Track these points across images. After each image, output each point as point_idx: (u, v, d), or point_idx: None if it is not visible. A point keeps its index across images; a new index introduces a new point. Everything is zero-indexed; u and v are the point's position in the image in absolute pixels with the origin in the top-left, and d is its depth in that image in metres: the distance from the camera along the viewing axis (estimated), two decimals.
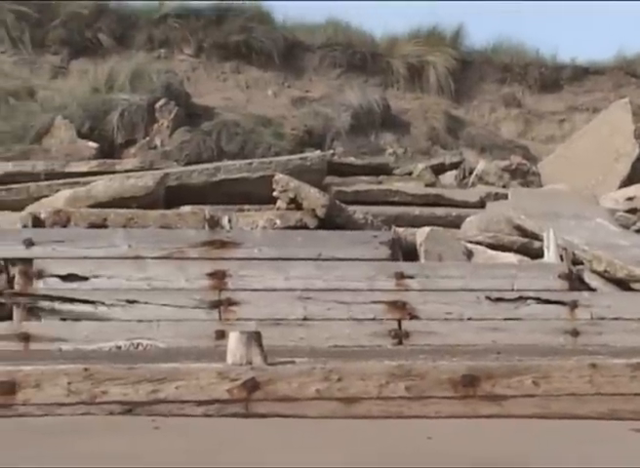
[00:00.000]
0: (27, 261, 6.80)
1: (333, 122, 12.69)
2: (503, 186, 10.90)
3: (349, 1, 17.70)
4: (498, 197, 9.90)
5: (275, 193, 8.15)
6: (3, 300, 6.98)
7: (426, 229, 8.13)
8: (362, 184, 10.46)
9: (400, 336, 6.68)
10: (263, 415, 4.42)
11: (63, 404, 4.36)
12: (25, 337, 6.39)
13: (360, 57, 13.90)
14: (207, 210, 8.10)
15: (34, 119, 11.74)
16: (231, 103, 12.97)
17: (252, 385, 4.42)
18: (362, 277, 6.91)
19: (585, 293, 7.16)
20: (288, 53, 13.77)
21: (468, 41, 14.62)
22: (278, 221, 7.81)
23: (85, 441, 4.04)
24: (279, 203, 8.14)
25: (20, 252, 6.84)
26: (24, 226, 7.52)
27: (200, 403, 4.41)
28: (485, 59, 14.52)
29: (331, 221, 7.86)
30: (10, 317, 6.72)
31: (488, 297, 6.92)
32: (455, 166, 11.76)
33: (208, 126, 12.06)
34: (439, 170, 11.66)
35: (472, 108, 14.12)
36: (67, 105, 11.93)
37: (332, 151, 11.65)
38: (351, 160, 11.64)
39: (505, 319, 6.86)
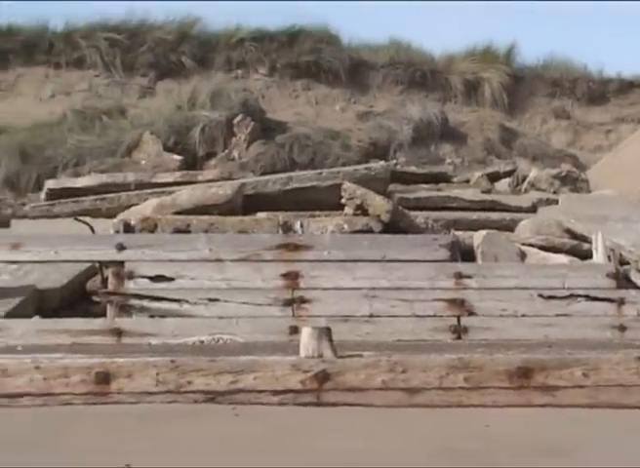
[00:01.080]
0: (119, 264, 6.86)
1: (395, 134, 12.67)
2: (554, 192, 10.78)
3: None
4: (549, 202, 9.79)
5: (343, 200, 8.15)
6: (98, 299, 7.07)
7: (483, 232, 8.08)
8: (423, 191, 10.41)
9: (459, 332, 6.63)
10: (333, 404, 4.42)
11: (152, 392, 4.40)
12: (118, 332, 6.44)
13: (420, 74, 13.86)
14: (281, 216, 8.12)
15: (125, 135, 11.88)
16: (302, 118, 13.00)
17: (323, 376, 4.42)
18: (423, 277, 6.87)
19: (632, 291, 7.04)
20: (354, 71, 13.77)
21: (520, 58, 14.52)
22: (346, 226, 7.81)
23: (172, 426, 4.08)
24: (347, 209, 8.13)
25: (113, 255, 6.90)
26: (117, 232, 7.59)
27: (276, 392, 4.42)
28: (536, 75, 14.39)
29: (394, 226, 7.83)
30: (104, 314, 6.79)
31: (540, 295, 6.83)
32: (509, 174, 11.66)
33: (281, 139, 12.11)
34: (494, 177, 11.57)
35: (525, 120, 14.00)
36: (154, 122, 12.06)
37: (395, 161, 11.62)
38: (413, 169, 11.60)
39: (557, 315, 6.77)
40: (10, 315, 6.78)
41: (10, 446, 3.72)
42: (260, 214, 8.37)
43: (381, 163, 10.66)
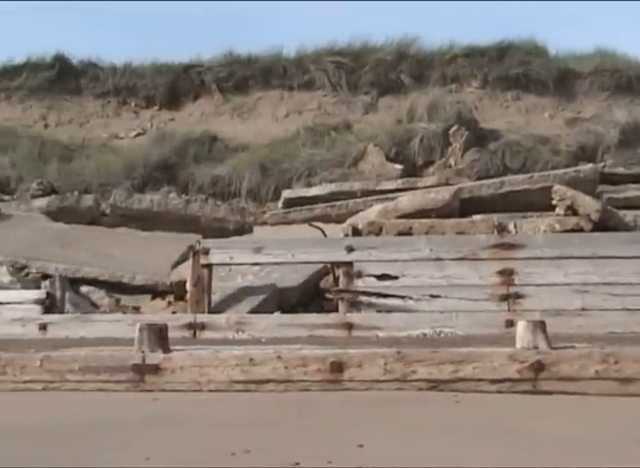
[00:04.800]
0: (349, 264, 6.98)
1: (603, 138, 12.28)
2: None
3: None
4: None
5: (554, 202, 7.97)
6: (331, 296, 7.23)
7: None
8: (631, 191, 10.08)
9: None
10: (549, 392, 4.33)
11: (381, 380, 4.44)
12: (349, 326, 6.56)
13: (626, 79, 13.37)
14: (495, 217, 8.03)
15: (351, 148, 12.08)
16: (513, 126, 12.81)
17: (538, 366, 4.34)
18: (634, 272, 6.63)
19: None
20: (561, 80, 13.45)
21: None
22: (557, 226, 7.64)
23: (399, 411, 4.11)
24: (557, 210, 7.96)
25: (343, 256, 7.03)
26: (346, 235, 7.72)
27: (493, 381, 4.38)
28: None
29: (604, 224, 7.60)
30: (336, 309, 6.93)
31: None
32: None
33: (494, 146, 11.97)
34: None
35: None
36: (377, 135, 12.19)
37: (602, 163, 11.25)
38: (620, 170, 11.20)
39: None
40: (254, 311, 7.04)
41: (258, 424, 3.87)
42: (476, 217, 8.31)
43: (590, 165, 10.36)
